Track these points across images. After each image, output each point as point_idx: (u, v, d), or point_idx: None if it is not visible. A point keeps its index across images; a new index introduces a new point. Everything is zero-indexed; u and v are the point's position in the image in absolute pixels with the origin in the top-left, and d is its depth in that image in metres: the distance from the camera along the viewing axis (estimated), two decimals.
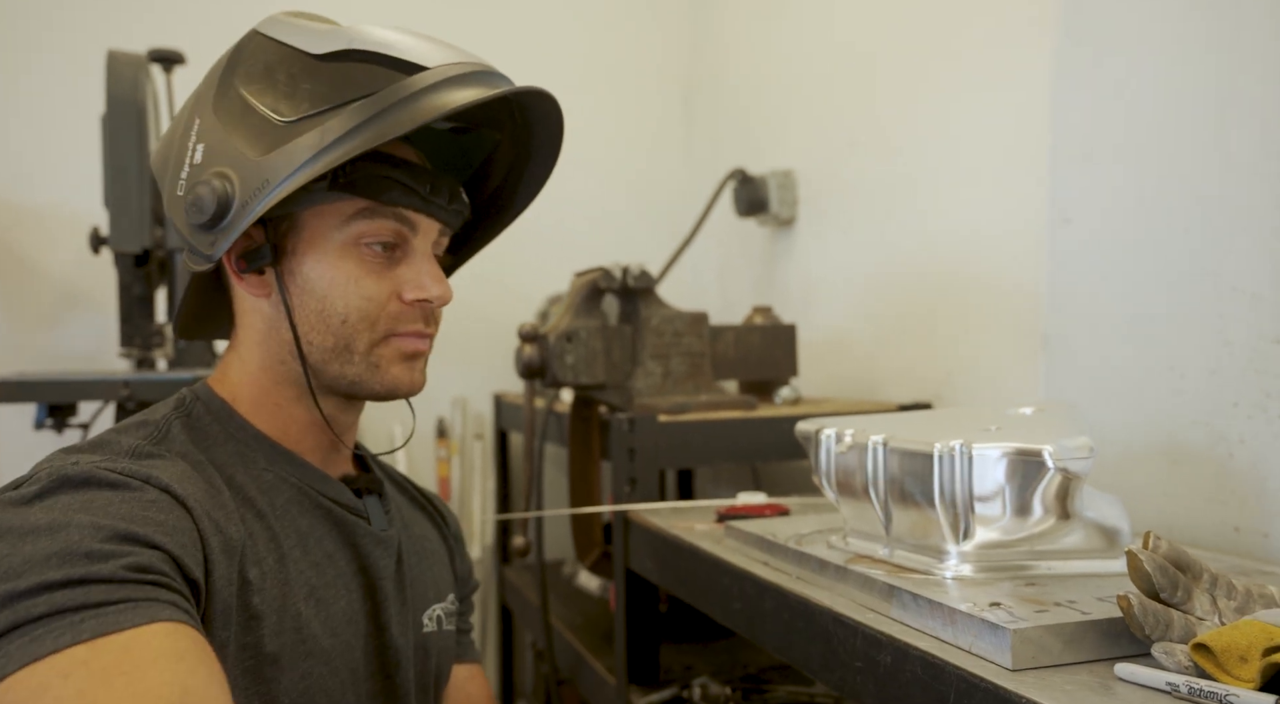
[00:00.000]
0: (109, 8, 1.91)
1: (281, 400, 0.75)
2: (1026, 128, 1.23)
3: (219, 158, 0.68)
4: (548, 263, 2.16)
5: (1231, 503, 0.93)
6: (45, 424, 1.36)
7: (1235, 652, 0.50)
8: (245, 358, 0.76)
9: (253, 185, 0.66)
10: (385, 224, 0.72)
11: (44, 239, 1.88)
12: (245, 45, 0.72)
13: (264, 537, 0.69)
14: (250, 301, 0.75)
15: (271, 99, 0.68)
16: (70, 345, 1.89)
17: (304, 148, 0.65)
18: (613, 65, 2.31)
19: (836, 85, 1.70)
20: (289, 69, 0.69)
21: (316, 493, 0.75)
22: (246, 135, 0.67)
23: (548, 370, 1.26)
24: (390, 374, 0.75)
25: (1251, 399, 0.91)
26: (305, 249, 0.72)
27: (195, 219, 0.67)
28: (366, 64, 0.68)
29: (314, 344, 0.73)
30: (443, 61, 0.69)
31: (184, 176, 0.69)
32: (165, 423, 0.71)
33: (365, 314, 0.73)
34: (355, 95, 0.66)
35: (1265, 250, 0.89)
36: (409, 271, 0.75)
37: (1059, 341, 1.14)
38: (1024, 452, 0.66)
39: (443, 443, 2.15)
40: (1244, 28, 0.91)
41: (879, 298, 1.57)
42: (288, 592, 0.68)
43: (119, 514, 0.57)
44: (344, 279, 0.72)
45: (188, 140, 0.70)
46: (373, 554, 0.77)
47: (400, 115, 0.66)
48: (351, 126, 0.65)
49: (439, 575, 0.88)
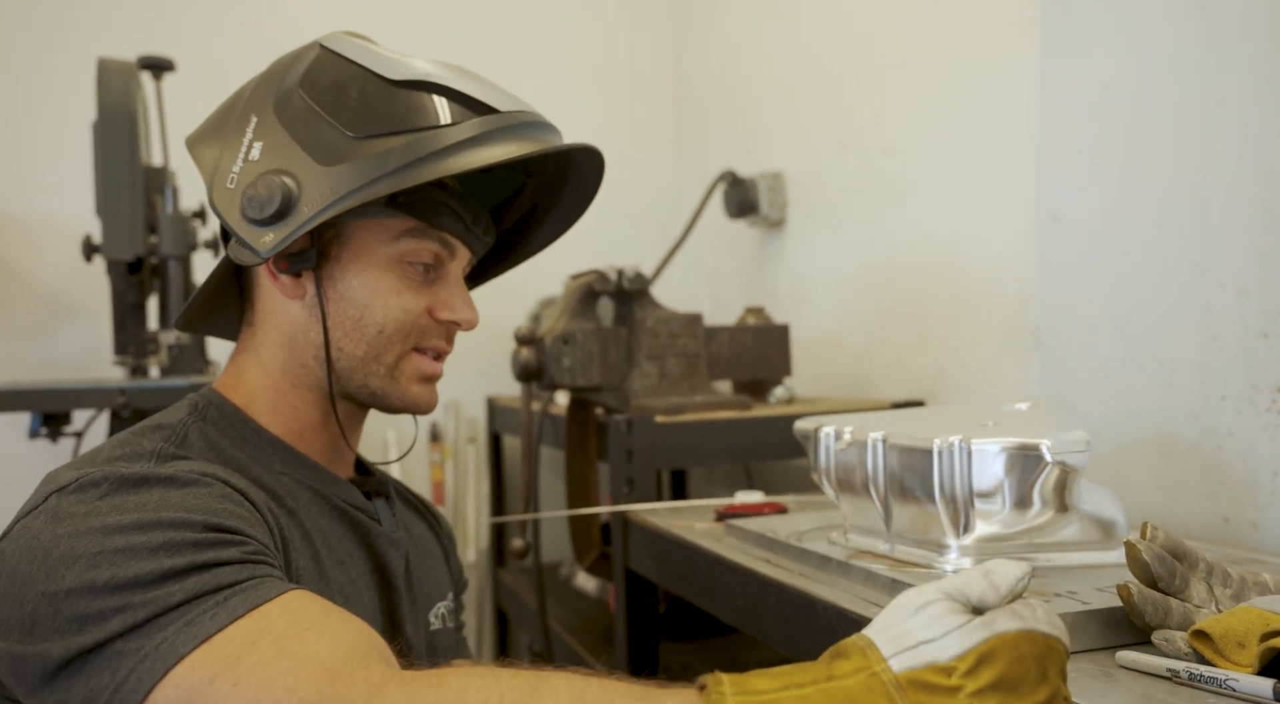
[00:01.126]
0: (98, 15, 1.90)
1: (299, 404, 0.77)
2: (1014, 128, 1.25)
3: (281, 159, 0.70)
4: (538, 266, 2.13)
5: (1221, 494, 0.95)
6: (40, 433, 1.35)
7: (1233, 638, 0.51)
8: (265, 360, 0.77)
9: (318, 192, 0.68)
10: (430, 245, 0.76)
11: (33, 247, 1.87)
12: (306, 55, 0.74)
13: (298, 534, 0.71)
14: (280, 302, 0.76)
15: (341, 113, 0.70)
16: (61, 354, 1.88)
17: (374, 165, 0.68)
18: (602, 68, 2.32)
19: (825, 88, 1.71)
20: (361, 88, 0.72)
21: (332, 495, 0.77)
22: (313, 143, 0.69)
23: (545, 373, 1.26)
24: (410, 391, 0.78)
25: (1239, 392, 0.93)
26: (350, 258, 0.74)
27: (252, 213, 0.68)
28: (439, 97, 0.72)
29: (344, 351, 0.75)
30: (508, 107, 0.73)
31: (236, 170, 0.71)
32: (182, 426, 0.71)
33: (401, 326, 0.76)
34: (426, 123, 0.70)
35: (1250, 247, 0.91)
36: (444, 292, 0.78)
37: (1050, 338, 1.16)
38: (1023, 446, 0.67)
39: (436, 446, 2.16)
40: (1227, 28, 0.93)
41: (870, 297, 1.59)
42: (324, 589, 0.70)
43: (199, 508, 0.59)
44: (386, 290, 0.75)
45: (241, 135, 0.72)
46: (387, 554, 0.79)
47: (473, 153, 0.70)
48: (425, 153, 0.69)
49: (439, 575, 0.90)
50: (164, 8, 1.94)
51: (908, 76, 1.47)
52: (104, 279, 1.67)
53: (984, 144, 1.32)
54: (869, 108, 1.58)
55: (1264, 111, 0.90)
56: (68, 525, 0.57)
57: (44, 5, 1.88)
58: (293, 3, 2.02)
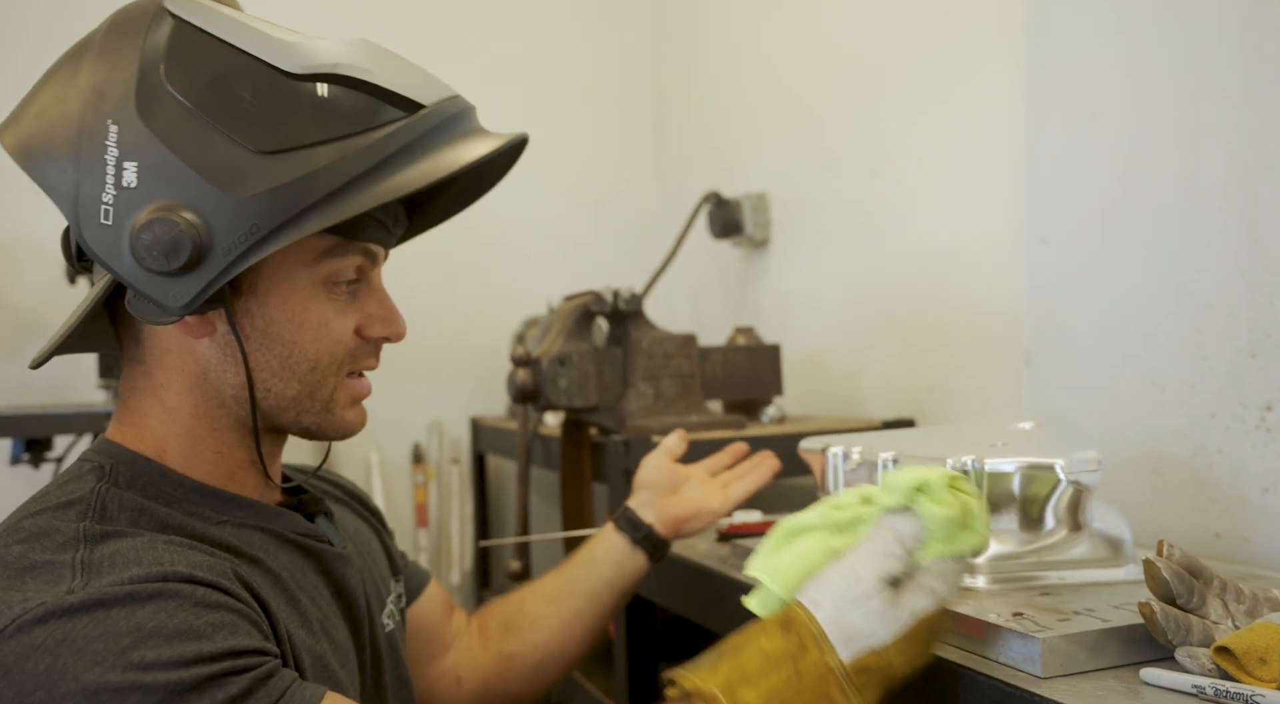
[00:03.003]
0: (78, 34, 1.88)
1: (222, 447, 0.68)
2: (1001, 149, 1.28)
3: (171, 187, 0.58)
4: (521, 287, 2.16)
5: (1212, 510, 0.97)
6: (21, 459, 1.32)
7: (1255, 653, 0.53)
8: (171, 405, 0.66)
9: (232, 230, 0.58)
10: (353, 260, 0.67)
11: (12, 267, 1.83)
12: (157, 29, 0.61)
13: (267, 582, 0.65)
14: (181, 341, 0.65)
15: (235, 121, 0.59)
16: (41, 378, 1.84)
17: (300, 192, 0.59)
18: (582, 89, 2.33)
19: (808, 108, 1.74)
20: (254, 84, 0.60)
21: (279, 529, 0.70)
22: (207, 164, 0.58)
23: (541, 394, 1.26)
24: (345, 419, 0.71)
25: (1229, 411, 0.95)
26: (266, 289, 0.64)
27: (154, 264, 0.57)
28: (353, 91, 0.62)
29: (272, 391, 0.66)
30: (435, 97, 0.64)
31: (108, 201, 0.58)
32: (95, 498, 0.61)
33: (334, 358, 0.68)
34: (347, 131, 0.61)
35: (1237, 269, 0.94)
36: (370, 305, 0.70)
37: (1040, 358, 1.19)
38: (1036, 465, 0.69)
39: (420, 468, 2.14)
40: (1211, 52, 0.96)
41: (857, 317, 1.61)
42: (310, 633, 0.67)
43: (180, 632, 0.52)
44: (314, 323, 0.66)
45: (102, 151, 0.58)
46: (344, 576, 0.74)
47: (411, 168, 0.62)
48: (355, 173, 0.60)
49: (382, 570, 0.85)
50: None
51: (892, 98, 1.50)
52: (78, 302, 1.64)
53: (970, 165, 1.34)
54: (853, 129, 1.61)
55: (1248, 135, 0.93)
56: (35, 691, 0.49)
57: (23, 26, 1.86)
58: (281, 16, 2.01)
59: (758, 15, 1.91)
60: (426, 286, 2.02)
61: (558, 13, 2.31)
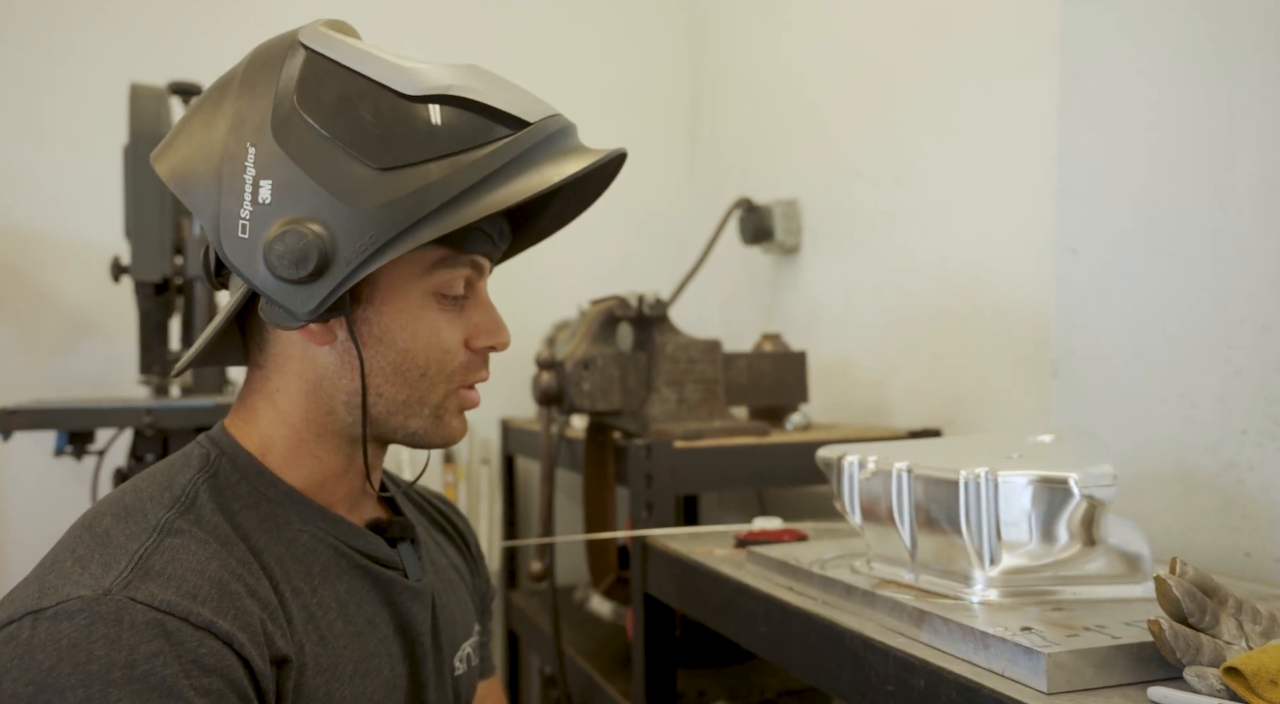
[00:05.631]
0: (130, 40, 1.94)
1: (321, 453, 0.71)
2: (1032, 158, 1.26)
3: (300, 203, 0.62)
4: (553, 290, 2.18)
5: (1243, 528, 0.95)
6: (65, 451, 1.37)
7: (1265, 675, 0.52)
8: (284, 408, 0.70)
9: (354, 241, 0.62)
10: (463, 272, 0.71)
11: (62, 267, 1.90)
12: (292, 60, 0.65)
13: (302, 619, 0.66)
14: (303, 348, 0.69)
15: (357, 140, 0.63)
16: (84, 372, 1.90)
17: (411, 205, 0.62)
18: (616, 94, 2.35)
19: (841, 115, 1.73)
20: (375, 106, 0.64)
21: (353, 550, 0.72)
22: (333, 180, 0.62)
23: (565, 397, 1.27)
24: (451, 427, 0.74)
25: (1260, 427, 0.93)
26: (383, 299, 0.68)
27: (284, 273, 0.62)
28: (464, 111, 0.65)
29: (383, 396, 0.70)
30: (539, 115, 0.67)
31: (246, 216, 0.63)
32: (192, 488, 0.66)
33: (443, 367, 0.71)
34: (458, 147, 0.64)
35: (1270, 281, 0.92)
36: (478, 317, 0.73)
37: (1068, 369, 1.17)
38: (1050, 479, 0.68)
39: (450, 468, 2.16)
40: (1246, 61, 0.94)
41: (886, 325, 1.60)
42: (333, 677, 0.67)
43: (163, 687, 0.55)
44: (426, 331, 0.70)
45: (242, 171, 0.63)
46: (410, 610, 0.75)
47: (518, 180, 0.65)
48: (466, 186, 0.63)
49: (465, 609, 0.86)
50: (195, 35, 1.97)
51: (924, 105, 1.49)
52: (128, 299, 1.70)
53: (1001, 174, 1.33)
54: (883, 136, 1.60)
55: None
56: (28, 685, 0.53)
57: (78, 32, 1.92)
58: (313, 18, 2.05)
59: (789, 24, 1.91)
60: None
61: (593, 23, 2.33)
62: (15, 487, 1.87)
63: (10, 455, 1.84)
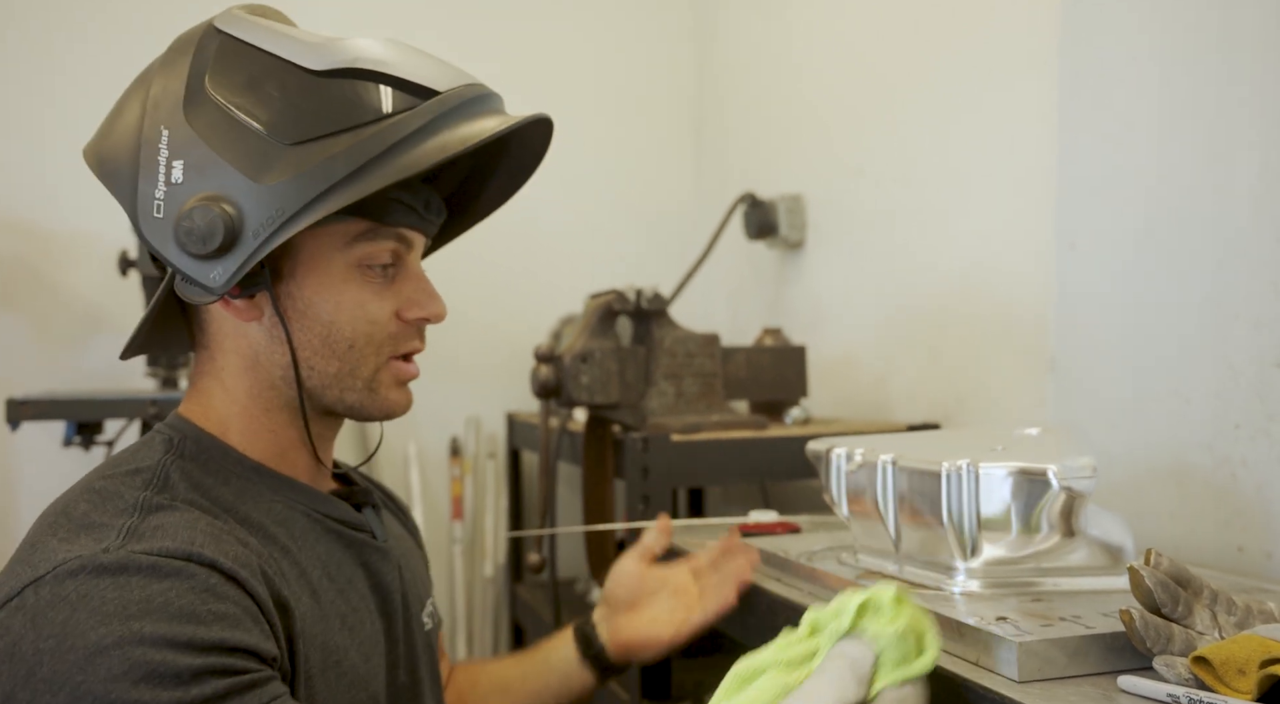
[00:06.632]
0: (139, 36, 1.96)
1: (274, 426, 0.72)
2: (1032, 155, 1.26)
3: (209, 180, 0.63)
4: (559, 284, 2.19)
5: (1235, 524, 0.95)
6: (74, 441, 1.39)
7: (1234, 665, 0.52)
8: (230, 386, 0.72)
9: (261, 214, 0.63)
10: (387, 245, 0.71)
11: (71, 262, 1.92)
12: (207, 45, 0.67)
13: (294, 574, 0.67)
14: (235, 326, 0.71)
15: (266, 115, 0.64)
16: (94, 365, 1.93)
17: (317, 175, 0.63)
18: (621, 90, 2.36)
19: (845, 111, 1.73)
20: (282, 82, 0.65)
21: (324, 516, 0.74)
22: (240, 155, 0.63)
23: (563, 390, 1.28)
24: (388, 399, 0.74)
25: (1254, 423, 0.93)
26: (305, 272, 0.69)
27: (194, 249, 0.63)
28: (372, 83, 0.66)
29: (315, 369, 0.71)
30: (450, 84, 0.68)
31: (160, 196, 0.64)
32: (161, 469, 0.67)
33: (371, 338, 0.72)
34: (365, 118, 0.65)
35: (1265, 278, 0.92)
36: (408, 289, 0.74)
37: (1066, 364, 1.17)
38: (1029, 471, 0.68)
39: (456, 461, 2.18)
40: (1245, 62, 0.94)
41: (888, 320, 1.60)
42: (326, 628, 0.69)
43: (183, 613, 0.56)
44: (350, 304, 0.70)
45: (156, 153, 0.64)
46: (381, 570, 0.77)
47: (425, 145, 0.65)
48: (373, 154, 0.64)
49: (423, 574, 0.88)
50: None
51: (925, 105, 1.49)
52: (136, 293, 1.72)
53: (1002, 171, 1.33)
54: (886, 133, 1.60)
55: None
56: (49, 639, 0.54)
57: (84, 28, 1.95)
58: (327, 21, 2.08)
59: (791, 25, 1.91)
60: (468, 284, 2.05)
61: (600, 19, 2.34)
62: (25, 477, 1.90)
63: (20, 446, 1.87)
